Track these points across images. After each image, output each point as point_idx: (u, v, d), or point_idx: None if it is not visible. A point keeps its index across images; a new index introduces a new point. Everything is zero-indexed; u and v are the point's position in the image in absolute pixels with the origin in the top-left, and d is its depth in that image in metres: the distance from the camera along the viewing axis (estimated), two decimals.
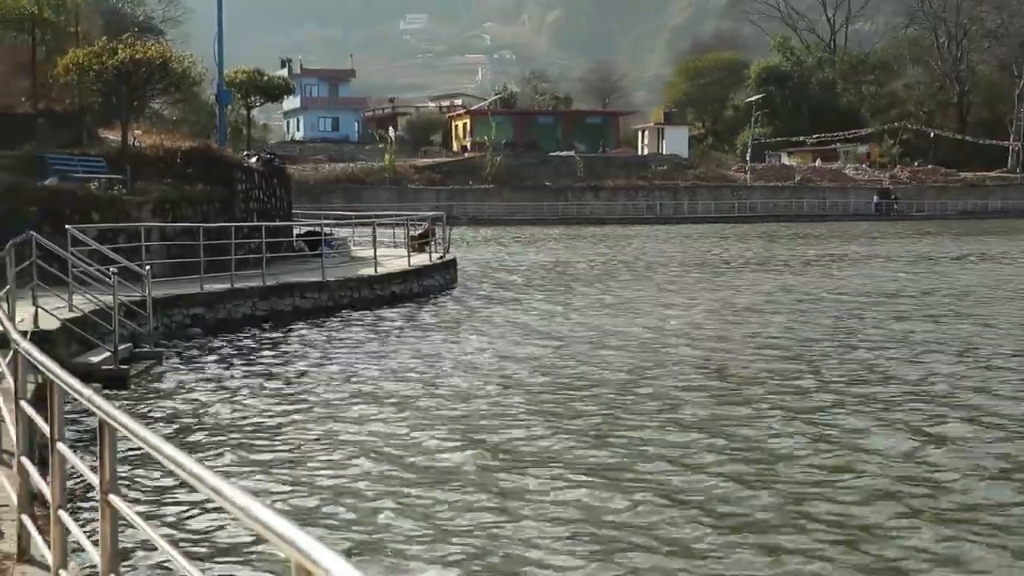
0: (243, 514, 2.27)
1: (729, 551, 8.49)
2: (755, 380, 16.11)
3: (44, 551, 5.00)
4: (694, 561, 8.31)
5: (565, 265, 41.47)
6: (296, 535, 2.01)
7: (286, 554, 2.03)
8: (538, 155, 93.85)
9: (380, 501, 9.86)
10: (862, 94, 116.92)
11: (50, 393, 4.61)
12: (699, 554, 8.45)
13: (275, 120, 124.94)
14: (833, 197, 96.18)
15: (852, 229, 72.14)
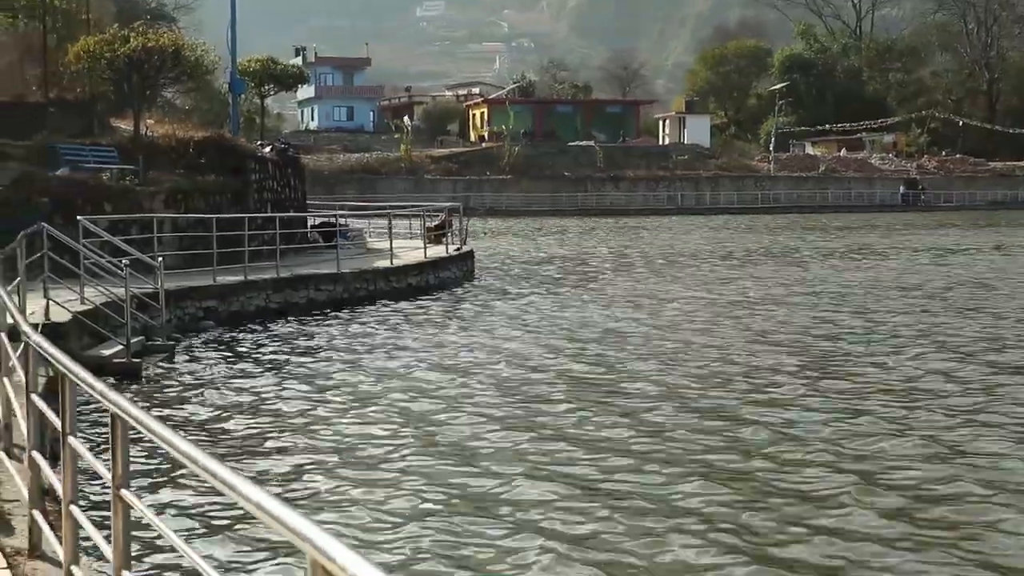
0: (258, 509, 2.27)
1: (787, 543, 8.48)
2: (768, 377, 16.07)
3: (56, 546, 5.03)
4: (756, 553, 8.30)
5: (585, 257, 41.44)
6: (312, 531, 2.01)
7: (302, 550, 2.03)
8: (557, 145, 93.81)
9: (395, 496, 9.87)
10: (889, 82, 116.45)
11: (62, 387, 4.62)
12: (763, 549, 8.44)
13: (289, 109, 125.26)
14: (858, 187, 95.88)
15: (877, 220, 71.88)
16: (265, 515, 2.23)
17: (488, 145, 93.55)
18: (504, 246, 48.05)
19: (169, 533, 3.37)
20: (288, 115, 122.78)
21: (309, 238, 30.98)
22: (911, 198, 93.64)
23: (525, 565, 8.16)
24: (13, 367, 7.08)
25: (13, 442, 7.39)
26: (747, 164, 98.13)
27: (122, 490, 3.73)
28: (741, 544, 8.57)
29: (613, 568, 8.09)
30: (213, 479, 2.57)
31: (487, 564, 8.21)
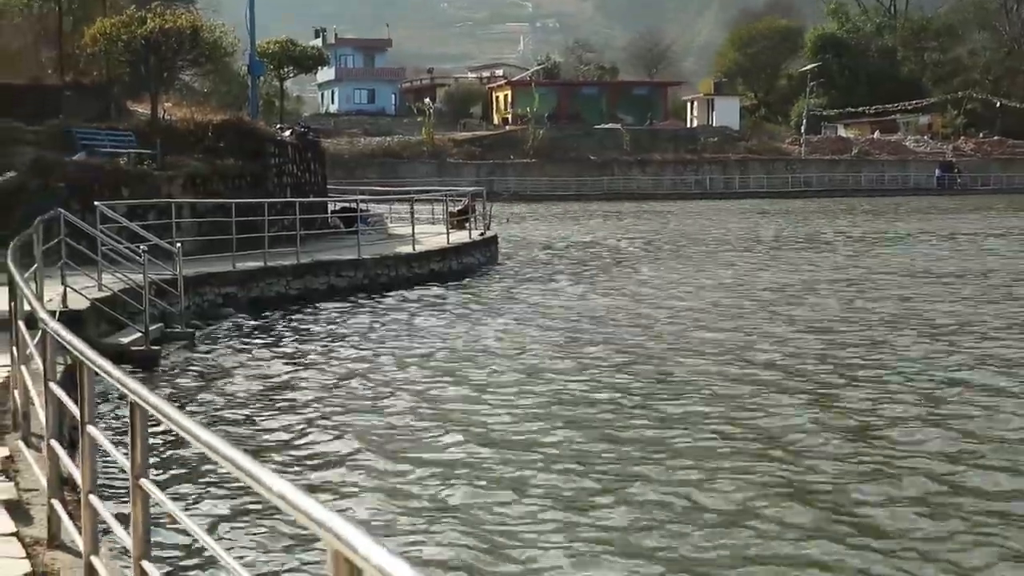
0: (278, 499, 2.29)
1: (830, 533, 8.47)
2: (785, 368, 16.03)
3: (75, 536, 5.07)
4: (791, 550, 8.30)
5: (611, 243, 41.37)
6: (333, 521, 2.02)
7: (323, 540, 2.04)
8: (582, 128, 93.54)
9: (417, 486, 9.91)
10: (924, 62, 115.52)
11: (80, 374, 4.66)
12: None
13: (309, 92, 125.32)
14: (892, 171, 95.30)
15: (910, 204, 71.42)
16: (286, 504, 2.25)
17: (512, 128, 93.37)
18: (528, 231, 48.02)
19: (189, 523, 3.39)
20: (308, 98, 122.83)
21: (329, 223, 31.00)
22: (947, 181, 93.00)
23: (549, 554, 8.18)
24: (31, 355, 7.14)
25: (31, 430, 7.45)
26: (777, 147, 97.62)
27: (141, 479, 3.76)
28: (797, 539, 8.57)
29: (640, 560, 8.10)
30: (233, 468, 2.59)
31: (511, 554, 8.24)
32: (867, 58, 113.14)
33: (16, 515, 5.79)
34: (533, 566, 7.99)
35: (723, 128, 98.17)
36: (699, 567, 8.01)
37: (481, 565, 8.02)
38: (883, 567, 7.96)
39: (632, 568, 7.94)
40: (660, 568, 7.95)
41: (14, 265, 8.51)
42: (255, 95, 41.56)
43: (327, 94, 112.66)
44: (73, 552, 5.25)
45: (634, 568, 7.94)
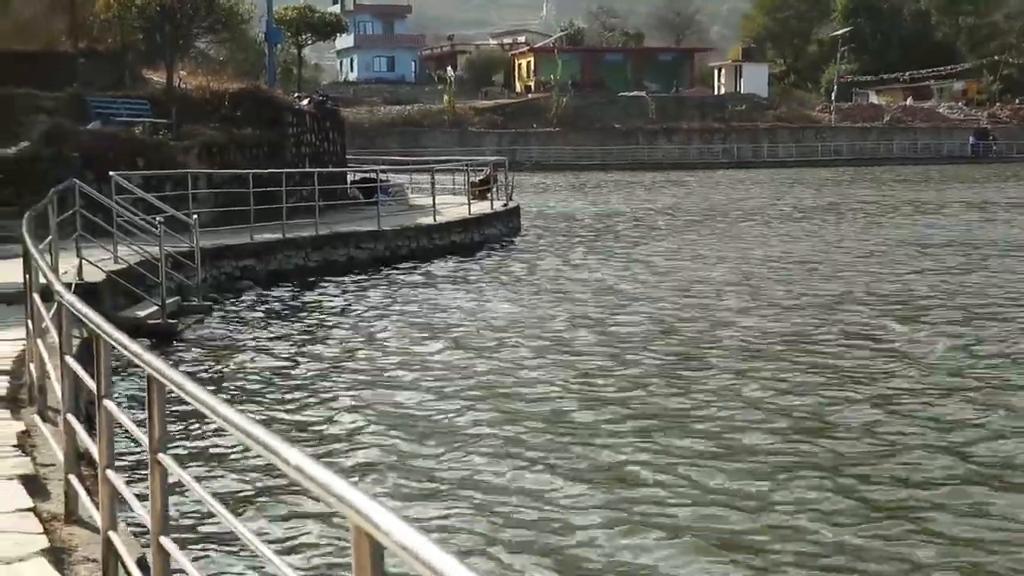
0: (298, 474, 2.28)
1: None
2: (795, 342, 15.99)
3: (92, 512, 5.10)
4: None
5: (636, 213, 41.27)
6: (355, 496, 2.02)
7: (344, 516, 2.04)
8: (606, 95, 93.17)
9: (440, 461, 9.93)
10: (959, 26, 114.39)
11: (96, 348, 4.67)
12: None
13: (327, 60, 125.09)
14: (925, 138, 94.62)
15: (944, 172, 70.90)
16: (307, 479, 2.24)
17: (535, 96, 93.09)
18: (551, 201, 47.95)
19: (208, 498, 3.40)
20: (326, 66, 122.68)
21: (349, 194, 31.01)
22: (981, 149, 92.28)
23: (574, 530, 8.19)
24: (46, 328, 7.17)
25: (47, 405, 7.49)
26: (807, 115, 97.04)
27: (159, 454, 3.77)
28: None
29: (675, 536, 8.11)
30: (253, 443, 2.59)
31: (535, 530, 8.25)
32: (900, 22, 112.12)
33: (33, 490, 5.82)
34: (557, 542, 8.00)
35: (751, 95, 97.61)
36: (736, 546, 8.02)
37: (504, 540, 8.03)
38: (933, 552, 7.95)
39: (664, 544, 7.95)
40: (697, 542, 7.95)
41: (29, 237, 8.53)
42: (272, 63, 41.56)
43: (346, 62, 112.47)
44: (91, 528, 5.28)
45: (666, 544, 7.95)
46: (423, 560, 1.78)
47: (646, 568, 7.59)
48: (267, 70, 41.05)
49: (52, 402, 7.35)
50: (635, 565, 7.64)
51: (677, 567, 7.58)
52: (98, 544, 4.82)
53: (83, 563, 4.97)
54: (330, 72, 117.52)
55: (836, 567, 7.60)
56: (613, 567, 7.59)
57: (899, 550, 7.85)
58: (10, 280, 13.14)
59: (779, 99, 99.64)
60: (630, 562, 7.68)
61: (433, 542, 1.79)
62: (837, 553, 7.82)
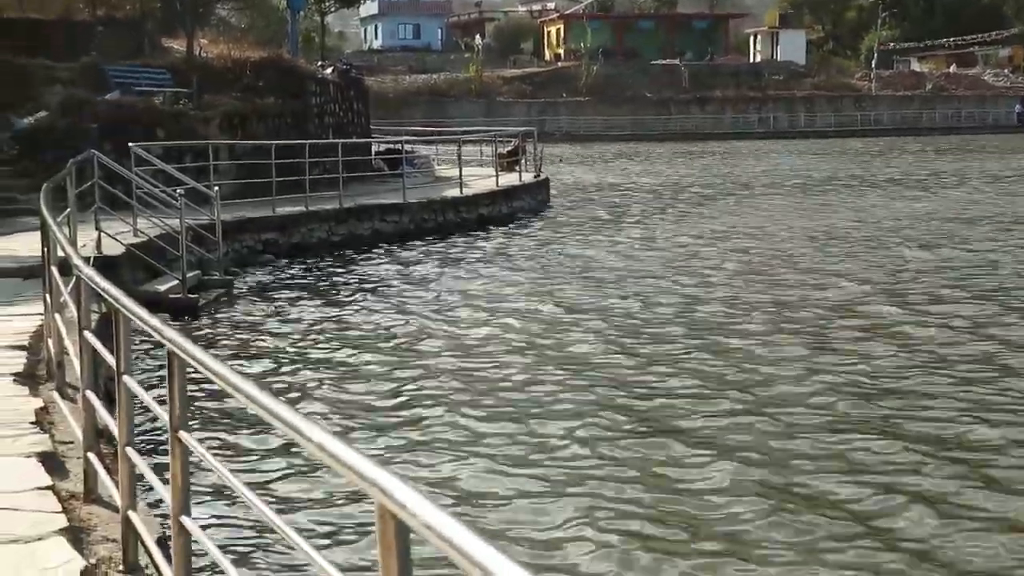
0: (322, 452, 2.28)
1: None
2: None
3: (112, 490, 5.12)
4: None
5: (669, 185, 41.15)
6: (380, 475, 2.02)
7: (369, 495, 2.04)
8: (638, 64, 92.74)
9: (464, 440, 9.94)
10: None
11: (115, 323, 4.68)
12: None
13: (351, 27, 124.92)
14: (969, 107, 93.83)
15: (988, 142, 70.28)
16: (330, 458, 2.24)
17: (564, 65, 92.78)
18: (581, 174, 47.85)
19: (229, 476, 3.41)
20: (350, 34, 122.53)
21: (373, 166, 31.03)
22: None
23: (594, 514, 8.19)
24: (65, 303, 7.20)
25: (66, 381, 7.52)
26: (846, 83, 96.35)
27: (180, 432, 3.78)
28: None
29: (714, 522, 8.10)
30: (275, 420, 2.59)
31: (555, 510, 8.25)
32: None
33: (51, 468, 5.85)
34: (584, 524, 8.00)
35: (788, 63, 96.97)
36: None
37: (528, 521, 8.04)
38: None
39: (698, 528, 7.95)
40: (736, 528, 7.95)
41: (47, 209, 8.56)
42: (295, 31, 41.53)
43: (370, 29, 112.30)
44: (110, 507, 5.31)
45: (701, 528, 7.95)
46: (449, 540, 1.77)
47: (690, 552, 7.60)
48: (289, 38, 41.03)
49: (71, 378, 7.38)
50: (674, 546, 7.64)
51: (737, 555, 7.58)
52: (117, 523, 4.85)
53: (102, 542, 5.00)
54: (354, 40, 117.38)
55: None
56: (652, 543, 7.60)
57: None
58: (28, 253, 13.24)
59: (817, 67, 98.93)
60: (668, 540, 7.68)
61: (459, 522, 1.79)
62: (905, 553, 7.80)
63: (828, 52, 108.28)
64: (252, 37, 57.31)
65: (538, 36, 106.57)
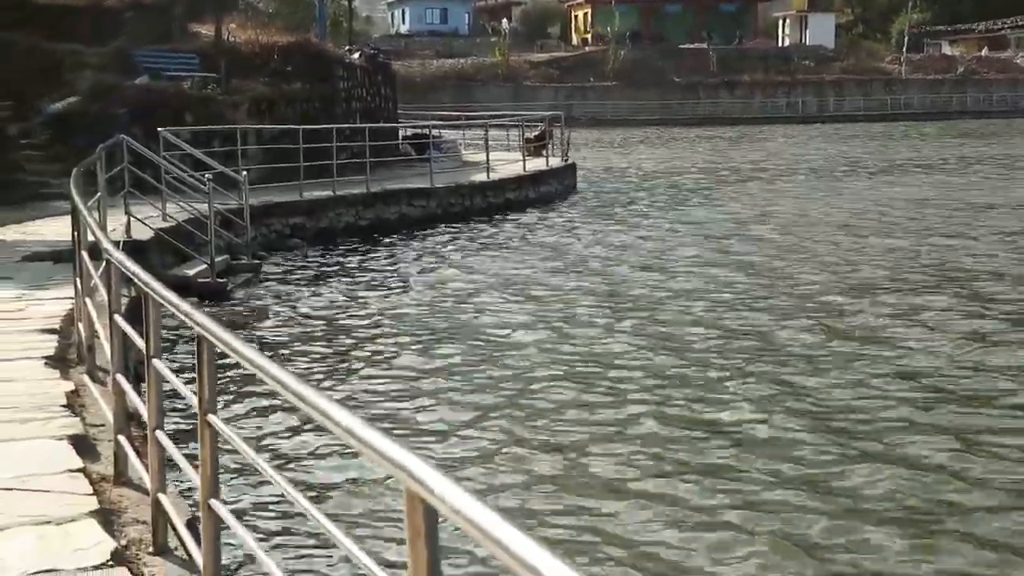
0: (350, 436, 2.29)
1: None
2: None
3: (142, 473, 5.16)
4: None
5: (696, 170, 41.01)
6: (408, 460, 2.02)
7: (397, 479, 2.05)
8: (666, 48, 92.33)
9: (493, 427, 9.95)
10: None
11: (145, 307, 4.71)
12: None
13: (379, 12, 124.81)
14: (1001, 91, 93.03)
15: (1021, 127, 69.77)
16: (358, 442, 2.25)
17: (591, 49, 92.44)
18: (609, 158, 47.75)
19: (258, 460, 3.42)
20: (377, 18, 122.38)
21: (400, 150, 31.05)
22: None
23: (624, 501, 8.20)
24: (95, 287, 7.24)
25: (96, 364, 7.58)
26: (876, 67, 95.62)
27: (209, 415, 3.80)
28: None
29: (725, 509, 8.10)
30: (304, 404, 2.59)
31: (585, 496, 8.26)
32: None
33: (82, 451, 5.90)
34: (614, 511, 8.01)
35: (817, 47, 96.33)
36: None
37: (557, 507, 8.05)
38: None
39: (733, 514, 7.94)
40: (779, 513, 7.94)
41: (77, 193, 8.61)
42: (323, 15, 41.59)
43: (397, 14, 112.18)
44: (140, 489, 5.35)
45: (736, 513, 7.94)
46: (477, 525, 1.78)
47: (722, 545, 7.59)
48: (317, 23, 41.11)
49: (101, 362, 7.43)
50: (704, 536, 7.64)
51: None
52: (147, 505, 4.88)
53: (132, 524, 5.04)
54: (381, 24, 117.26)
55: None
56: (680, 535, 7.59)
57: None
58: (59, 238, 13.33)
59: (846, 50, 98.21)
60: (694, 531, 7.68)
61: (488, 507, 1.79)
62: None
63: (858, 36, 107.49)
64: (280, 22, 57.38)
65: (565, 20, 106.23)
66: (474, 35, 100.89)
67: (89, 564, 4.43)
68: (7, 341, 8.46)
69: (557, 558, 1.60)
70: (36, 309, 9.81)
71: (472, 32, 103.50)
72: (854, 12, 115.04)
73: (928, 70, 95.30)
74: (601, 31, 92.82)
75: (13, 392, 6.97)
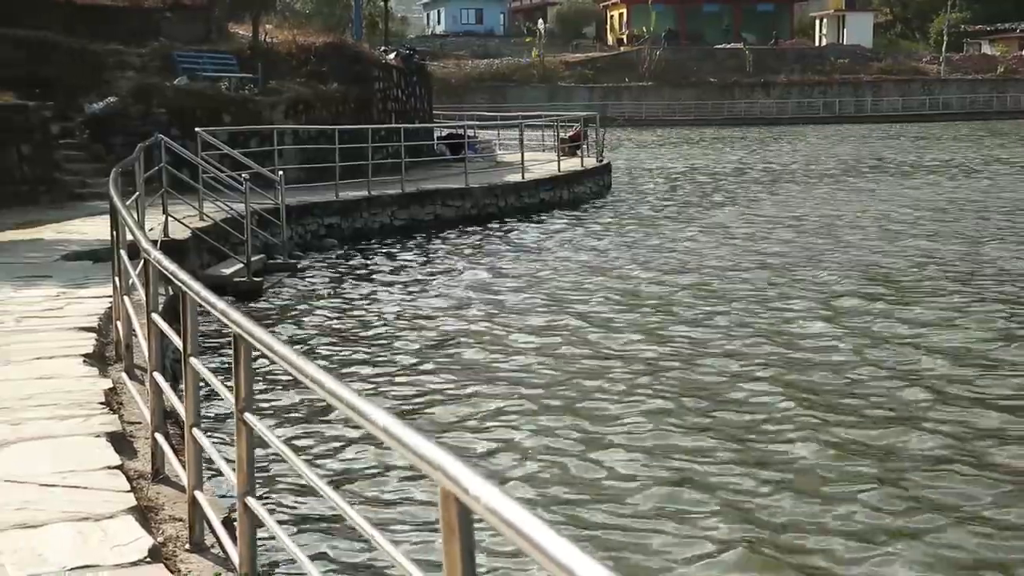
0: (386, 435, 2.30)
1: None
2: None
3: (179, 470, 5.20)
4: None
5: (734, 171, 40.85)
6: (444, 459, 2.03)
7: (432, 479, 2.05)
8: (702, 49, 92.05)
9: (530, 426, 9.95)
10: None
11: (182, 306, 4.74)
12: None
13: (414, 12, 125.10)
14: None
15: None
16: (394, 441, 2.26)
17: (627, 49, 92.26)
18: (644, 159, 47.64)
19: (294, 458, 3.44)
20: (413, 19, 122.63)
21: (436, 151, 31.11)
22: None
23: (653, 499, 8.18)
24: (133, 285, 7.29)
25: (134, 362, 7.64)
26: (914, 66, 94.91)
27: (245, 414, 3.82)
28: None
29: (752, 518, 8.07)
30: (339, 403, 2.61)
31: (616, 498, 8.26)
32: None
33: (120, 448, 5.95)
34: (659, 517, 8.00)
35: (854, 47, 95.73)
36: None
37: (592, 505, 8.04)
38: None
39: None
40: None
41: (116, 193, 8.67)
42: (359, 16, 41.70)
43: (433, 14, 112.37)
44: (177, 487, 5.39)
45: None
46: (512, 525, 1.78)
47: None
48: (353, 24, 41.22)
49: (138, 359, 7.49)
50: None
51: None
52: (184, 503, 4.92)
53: (169, 522, 5.08)
54: (417, 25, 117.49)
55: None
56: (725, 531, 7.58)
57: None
58: (98, 237, 13.44)
59: (884, 50, 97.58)
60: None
61: (523, 507, 1.79)
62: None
63: (896, 35, 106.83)
64: (317, 23, 57.65)
65: (601, 20, 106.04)
66: (509, 36, 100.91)
67: (126, 560, 4.46)
68: (46, 339, 8.53)
69: (591, 558, 1.60)
70: (75, 307, 9.90)
71: (507, 33, 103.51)
72: (892, 11, 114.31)
73: (968, 70, 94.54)
74: (637, 31, 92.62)
75: (52, 389, 7.03)
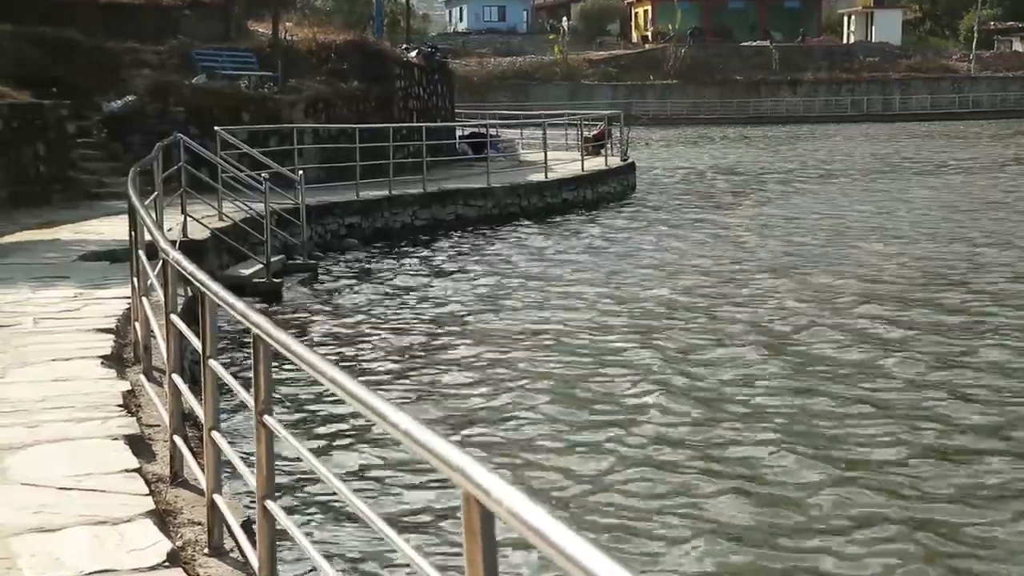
0: (407, 438, 2.30)
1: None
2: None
3: (197, 473, 5.21)
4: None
5: (759, 170, 40.75)
6: (466, 462, 2.03)
7: (454, 482, 2.06)
8: (728, 46, 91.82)
9: (549, 430, 9.95)
10: None
11: (201, 307, 4.74)
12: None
13: (436, 10, 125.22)
14: None
15: None
16: (415, 444, 2.26)
17: (652, 47, 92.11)
18: (669, 158, 47.56)
19: (314, 461, 3.45)
20: (435, 16, 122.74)
21: (457, 149, 31.13)
22: None
23: (676, 501, 8.17)
24: (151, 286, 7.31)
25: (152, 364, 7.64)
26: (943, 64, 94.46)
27: (265, 416, 3.82)
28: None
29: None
30: (360, 405, 2.61)
31: (642, 498, 8.25)
32: None
33: (138, 451, 5.96)
34: (682, 524, 7.99)
35: (882, 44, 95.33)
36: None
37: (616, 511, 8.04)
38: None
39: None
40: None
41: (134, 193, 8.69)
42: (380, 13, 41.77)
43: (455, 12, 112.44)
44: (195, 490, 5.39)
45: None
46: (534, 528, 1.78)
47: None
48: (374, 21, 41.30)
49: (157, 361, 7.50)
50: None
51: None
52: (203, 506, 4.93)
53: (188, 525, 5.09)
54: (438, 22, 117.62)
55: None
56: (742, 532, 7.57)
57: None
58: (115, 237, 13.48)
59: (913, 48, 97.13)
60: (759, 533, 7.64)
61: (545, 510, 1.79)
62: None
63: (925, 32, 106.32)
64: (337, 20, 57.69)
65: (625, 17, 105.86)
66: (532, 33, 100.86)
67: (144, 565, 4.47)
68: (64, 340, 8.56)
69: (614, 562, 1.60)
70: (93, 308, 9.92)
71: (530, 30, 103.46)
72: (922, 8, 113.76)
73: (998, 67, 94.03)
74: (662, 28, 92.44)
75: (70, 391, 7.05)
